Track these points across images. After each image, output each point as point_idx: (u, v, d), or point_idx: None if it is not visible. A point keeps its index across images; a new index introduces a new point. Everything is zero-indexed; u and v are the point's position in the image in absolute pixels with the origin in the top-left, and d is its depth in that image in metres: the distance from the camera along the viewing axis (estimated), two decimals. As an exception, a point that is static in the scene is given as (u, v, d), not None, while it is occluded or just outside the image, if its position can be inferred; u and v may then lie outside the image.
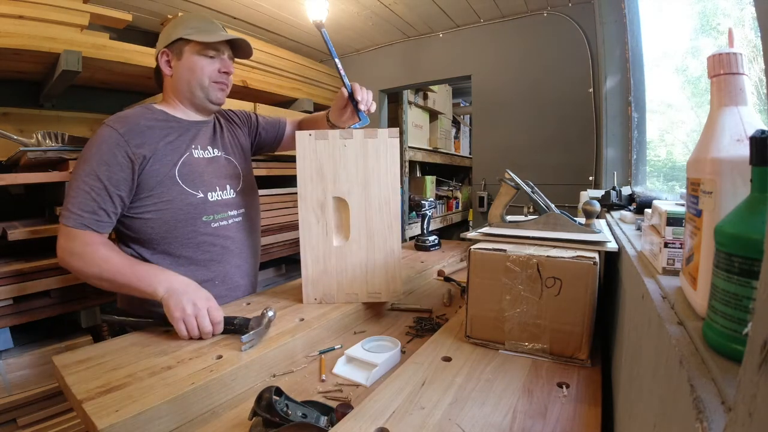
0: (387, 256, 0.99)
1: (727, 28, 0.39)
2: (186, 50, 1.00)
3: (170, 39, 1.00)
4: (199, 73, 1.01)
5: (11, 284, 1.19)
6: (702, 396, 0.25)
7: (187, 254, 1.00)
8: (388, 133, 0.97)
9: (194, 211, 1.00)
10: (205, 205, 1.02)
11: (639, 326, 0.49)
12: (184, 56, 1.01)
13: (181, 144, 1.01)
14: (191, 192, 1.00)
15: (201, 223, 1.01)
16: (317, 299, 1.00)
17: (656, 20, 1.53)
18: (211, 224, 1.03)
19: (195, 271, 1.00)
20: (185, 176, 0.99)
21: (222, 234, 1.05)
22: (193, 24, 1.01)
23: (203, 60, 1.01)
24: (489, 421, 0.53)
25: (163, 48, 1.02)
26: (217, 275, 1.04)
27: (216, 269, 1.04)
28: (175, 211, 0.97)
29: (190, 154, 1.02)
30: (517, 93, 2.19)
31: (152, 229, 0.97)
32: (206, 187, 1.03)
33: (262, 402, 0.55)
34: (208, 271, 1.02)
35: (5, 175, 1.26)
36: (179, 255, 0.99)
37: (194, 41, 0.99)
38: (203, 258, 1.02)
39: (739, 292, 0.27)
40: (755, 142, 0.28)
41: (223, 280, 1.05)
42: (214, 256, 1.03)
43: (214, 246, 1.03)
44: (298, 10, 2.00)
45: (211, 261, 1.03)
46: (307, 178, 0.98)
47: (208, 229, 1.02)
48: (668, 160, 1.57)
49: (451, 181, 3.86)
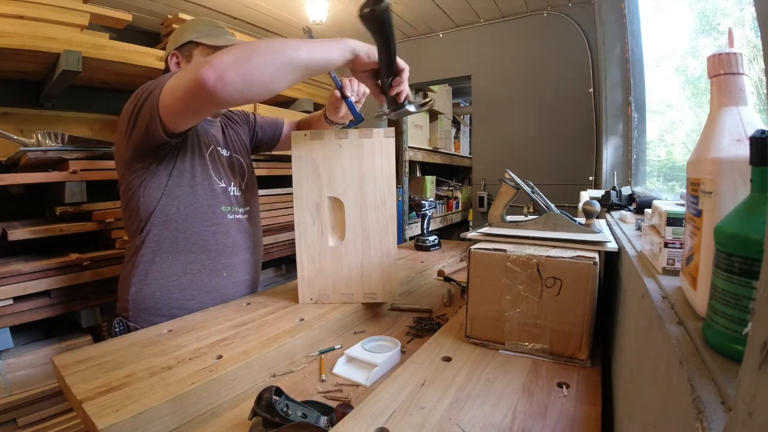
0: (383, 256, 0.98)
1: (727, 28, 0.39)
2: (195, 52, 1.03)
3: (180, 42, 1.03)
4: None
5: (11, 284, 1.19)
6: (702, 396, 0.25)
7: (202, 242, 1.00)
8: (384, 132, 0.96)
9: (217, 199, 1.02)
10: (225, 195, 1.05)
11: (639, 326, 0.49)
12: (193, 58, 1.03)
13: (207, 137, 1.05)
14: (216, 180, 1.03)
15: (220, 212, 1.03)
16: (313, 299, 1.00)
17: (656, 20, 1.53)
18: (228, 215, 1.05)
19: (205, 260, 1.01)
20: (213, 163, 1.03)
21: (235, 227, 1.07)
22: (202, 28, 1.04)
23: None
24: (489, 421, 0.53)
25: (172, 50, 1.04)
26: (226, 267, 1.05)
27: (225, 261, 1.04)
28: (203, 193, 1.00)
29: (215, 147, 1.06)
30: (517, 93, 2.19)
31: (177, 210, 0.97)
32: (227, 179, 1.07)
33: (262, 402, 0.55)
34: (217, 263, 1.03)
35: (5, 175, 1.27)
36: (195, 241, 0.99)
37: (204, 44, 1.01)
38: (216, 248, 1.02)
39: (739, 292, 0.27)
40: (755, 142, 0.28)
41: (230, 273, 1.06)
42: (227, 247, 1.04)
43: (228, 237, 1.04)
44: (298, 10, 2.00)
45: (222, 252, 1.03)
46: (302, 178, 0.98)
47: (225, 220, 1.04)
48: (668, 160, 1.58)
49: (451, 181, 3.86)
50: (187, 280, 0.99)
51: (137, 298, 0.96)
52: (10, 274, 1.19)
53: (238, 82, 0.71)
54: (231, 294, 1.06)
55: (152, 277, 0.97)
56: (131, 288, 0.96)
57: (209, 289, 1.02)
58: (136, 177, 0.95)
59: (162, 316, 0.96)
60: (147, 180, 0.95)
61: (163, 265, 0.97)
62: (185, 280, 0.99)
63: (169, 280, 0.98)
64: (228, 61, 0.70)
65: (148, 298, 0.97)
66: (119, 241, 1.45)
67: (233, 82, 0.70)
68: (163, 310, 0.97)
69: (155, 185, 0.95)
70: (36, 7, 1.35)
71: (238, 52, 0.72)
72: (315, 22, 1.98)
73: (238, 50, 0.72)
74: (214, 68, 0.69)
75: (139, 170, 0.94)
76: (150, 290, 0.97)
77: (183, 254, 0.98)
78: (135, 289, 0.96)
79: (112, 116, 1.85)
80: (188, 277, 0.99)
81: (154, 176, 0.95)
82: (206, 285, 1.01)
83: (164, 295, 0.97)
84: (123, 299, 0.99)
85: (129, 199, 0.97)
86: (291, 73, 0.76)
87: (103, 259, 1.41)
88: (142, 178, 0.95)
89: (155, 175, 0.95)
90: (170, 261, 0.98)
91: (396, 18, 2.19)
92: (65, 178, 1.33)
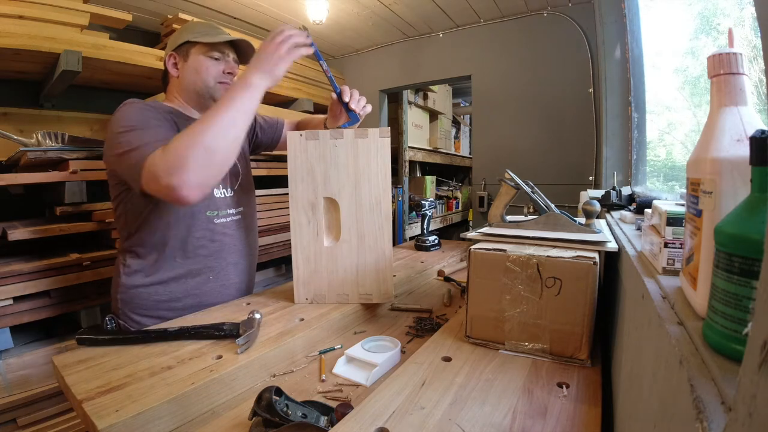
0: (378, 257, 0.98)
1: (727, 28, 0.39)
2: (192, 52, 1.02)
3: (177, 42, 1.03)
4: (204, 73, 1.02)
5: (11, 284, 1.19)
6: (702, 396, 0.25)
7: (187, 246, 1.00)
8: (379, 132, 0.96)
9: (199, 204, 1.00)
10: (209, 200, 1.03)
11: (639, 326, 0.49)
12: (190, 58, 1.03)
13: None
14: None
15: (204, 217, 1.02)
16: (308, 299, 1.00)
17: (656, 20, 1.53)
18: (214, 220, 1.04)
19: (190, 264, 1.01)
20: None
21: (221, 231, 1.06)
22: (199, 29, 1.04)
23: (208, 61, 1.02)
24: (489, 421, 0.53)
25: (170, 51, 1.04)
26: (212, 270, 1.04)
27: (211, 264, 1.04)
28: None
29: None
30: (517, 93, 2.19)
31: (159, 217, 0.96)
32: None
33: (262, 402, 0.55)
34: (203, 266, 1.03)
35: (5, 175, 1.26)
36: (177, 247, 0.99)
37: (200, 43, 1.01)
38: (201, 253, 1.02)
39: (739, 292, 0.27)
40: (755, 142, 0.28)
41: (217, 276, 1.05)
42: (212, 251, 1.04)
43: (213, 242, 1.04)
44: (298, 10, 2.00)
45: (207, 256, 1.03)
46: (297, 179, 0.98)
47: (210, 225, 1.03)
48: (668, 160, 1.58)
49: (451, 181, 3.86)
50: (173, 284, 1.00)
51: (125, 298, 0.97)
52: (10, 274, 1.19)
53: (203, 188, 0.81)
54: (218, 297, 1.05)
55: (138, 279, 0.98)
56: (119, 287, 0.98)
57: (195, 292, 1.02)
58: (119, 182, 0.96)
59: (149, 317, 0.97)
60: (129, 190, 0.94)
61: (150, 268, 0.98)
62: (171, 284, 0.99)
63: (154, 283, 0.98)
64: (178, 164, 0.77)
65: (135, 298, 0.97)
66: (119, 241, 1.45)
67: (197, 193, 0.80)
68: (149, 311, 0.98)
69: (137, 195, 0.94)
70: (36, 7, 1.35)
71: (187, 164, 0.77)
72: (315, 22, 1.98)
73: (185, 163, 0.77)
74: (178, 189, 0.77)
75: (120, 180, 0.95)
76: (137, 291, 0.97)
77: (168, 259, 0.98)
78: (122, 289, 0.97)
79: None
80: (173, 281, 1.00)
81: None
82: (192, 289, 1.01)
83: (151, 297, 0.98)
84: (114, 298, 1.00)
85: (117, 204, 0.99)
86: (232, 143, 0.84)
87: (103, 259, 1.41)
88: (124, 186, 0.95)
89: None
90: (156, 266, 0.98)
91: (396, 18, 2.19)
92: (65, 178, 1.33)
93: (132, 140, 0.84)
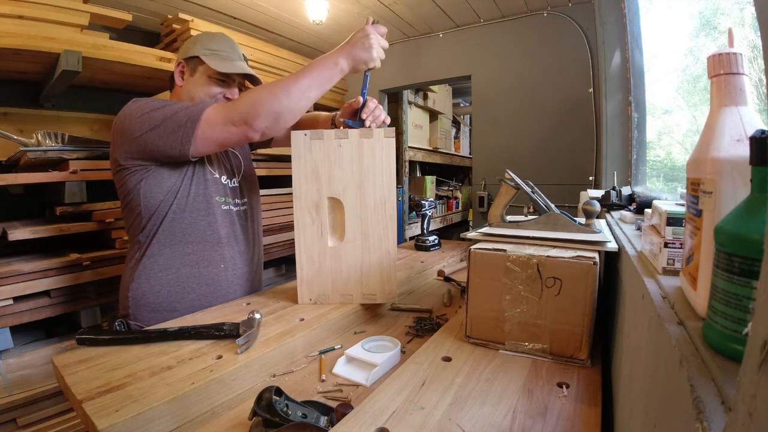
0: (382, 257, 0.98)
1: (727, 28, 0.39)
2: (200, 69, 1.04)
3: (189, 53, 1.04)
4: (204, 95, 1.04)
5: (11, 284, 1.19)
6: (702, 396, 0.25)
7: (199, 232, 1.01)
8: (384, 132, 0.96)
9: (211, 188, 1.03)
10: (218, 185, 1.05)
11: (639, 326, 0.49)
12: (196, 74, 1.04)
13: None
14: (210, 169, 1.04)
15: (214, 202, 1.03)
16: (312, 300, 1.00)
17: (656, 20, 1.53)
18: (222, 206, 1.05)
19: (203, 251, 1.01)
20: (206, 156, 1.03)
21: (230, 219, 1.07)
22: (213, 46, 1.04)
23: (213, 85, 1.04)
24: (489, 421, 0.53)
25: (181, 59, 1.05)
26: (223, 259, 1.05)
27: (222, 253, 1.05)
28: (196, 183, 1.00)
29: None
30: (517, 93, 2.19)
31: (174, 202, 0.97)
32: (220, 170, 1.07)
33: (262, 402, 0.55)
34: (215, 254, 1.03)
35: (5, 175, 1.27)
36: (191, 232, 1.00)
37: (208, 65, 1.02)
38: (212, 239, 1.03)
39: (739, 292, 0.27)
40: (755, 142, 0.28)
41: (227, 265, 1.06)
42: (222, 238, 1.04)
43: (223, 228, 1.05)
44: (298, 10, 2.00)
45: (218, 243, 1.04)
46: (302, 178, 0.98)
47: (219, 210, 1.04)
48: (668, 160, 1.58)
49: (451, 181, 3.86)
50: (186, 272, 1.00)
51: (137, 294, 0.97)
52: (10, 274, 1.19)
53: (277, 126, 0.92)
54: (230, 287, 1.06)
55: (152, 271, 0.98)
56: (132, 284, 0.97)
57: (207, 281, 1.02)
58: (133, 175, 0.95)
59: (162, 311, 0.97)
60: (147, 178, 0.95)
61: (162, 257, 0.98)
62: (183, 272, 1.00)
63: (168, 272, 0.98)
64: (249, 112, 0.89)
65: (147, 293, 0.97)
66: (119, 241, 1.45)
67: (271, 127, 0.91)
68: (162, 305, 0.97)
69: (155, 181, 0.96)
70: (36, 7, 1.35)
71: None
72: (315, 22, 1.98)
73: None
74: (255, 128, 0.89)
75: (138, 169, 0.95)
76: (149, 285, 0.97)
77: (181, 245, 0.99)
78: (135, 284, 0.97)
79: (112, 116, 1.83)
80: (186, 269, 1.00)
81: (153, 174, 0.96)
82: (205, 277, 1.02)
83: (163, 289, 0.98)
84: (124, 298, 1.00)
85: (129, 198, 0.98)
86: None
87: (103, 259, 1.41)
88: (141, 176, 0.95)
89: (154, 173, 0.96)
90: (168, 253, 0.98)
91: (396, 18, 2.19)
92: (65, 178, 1.33)
93: (167, 112, 0.90)
